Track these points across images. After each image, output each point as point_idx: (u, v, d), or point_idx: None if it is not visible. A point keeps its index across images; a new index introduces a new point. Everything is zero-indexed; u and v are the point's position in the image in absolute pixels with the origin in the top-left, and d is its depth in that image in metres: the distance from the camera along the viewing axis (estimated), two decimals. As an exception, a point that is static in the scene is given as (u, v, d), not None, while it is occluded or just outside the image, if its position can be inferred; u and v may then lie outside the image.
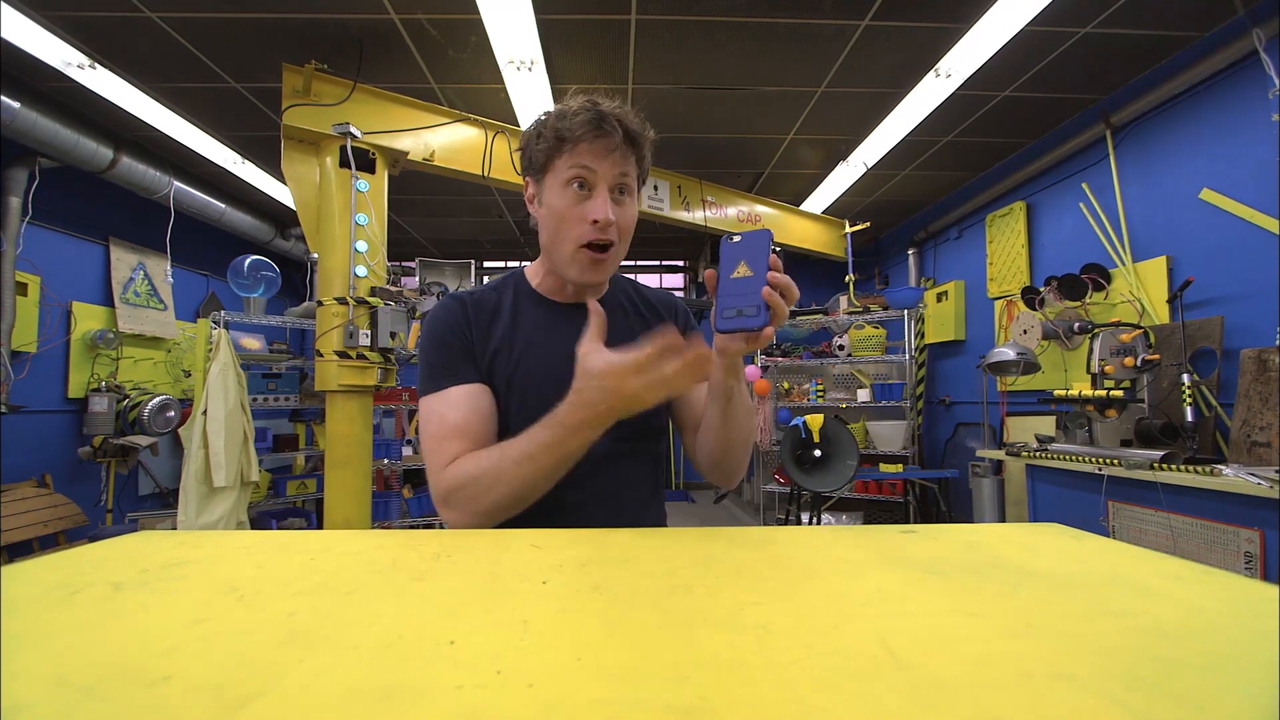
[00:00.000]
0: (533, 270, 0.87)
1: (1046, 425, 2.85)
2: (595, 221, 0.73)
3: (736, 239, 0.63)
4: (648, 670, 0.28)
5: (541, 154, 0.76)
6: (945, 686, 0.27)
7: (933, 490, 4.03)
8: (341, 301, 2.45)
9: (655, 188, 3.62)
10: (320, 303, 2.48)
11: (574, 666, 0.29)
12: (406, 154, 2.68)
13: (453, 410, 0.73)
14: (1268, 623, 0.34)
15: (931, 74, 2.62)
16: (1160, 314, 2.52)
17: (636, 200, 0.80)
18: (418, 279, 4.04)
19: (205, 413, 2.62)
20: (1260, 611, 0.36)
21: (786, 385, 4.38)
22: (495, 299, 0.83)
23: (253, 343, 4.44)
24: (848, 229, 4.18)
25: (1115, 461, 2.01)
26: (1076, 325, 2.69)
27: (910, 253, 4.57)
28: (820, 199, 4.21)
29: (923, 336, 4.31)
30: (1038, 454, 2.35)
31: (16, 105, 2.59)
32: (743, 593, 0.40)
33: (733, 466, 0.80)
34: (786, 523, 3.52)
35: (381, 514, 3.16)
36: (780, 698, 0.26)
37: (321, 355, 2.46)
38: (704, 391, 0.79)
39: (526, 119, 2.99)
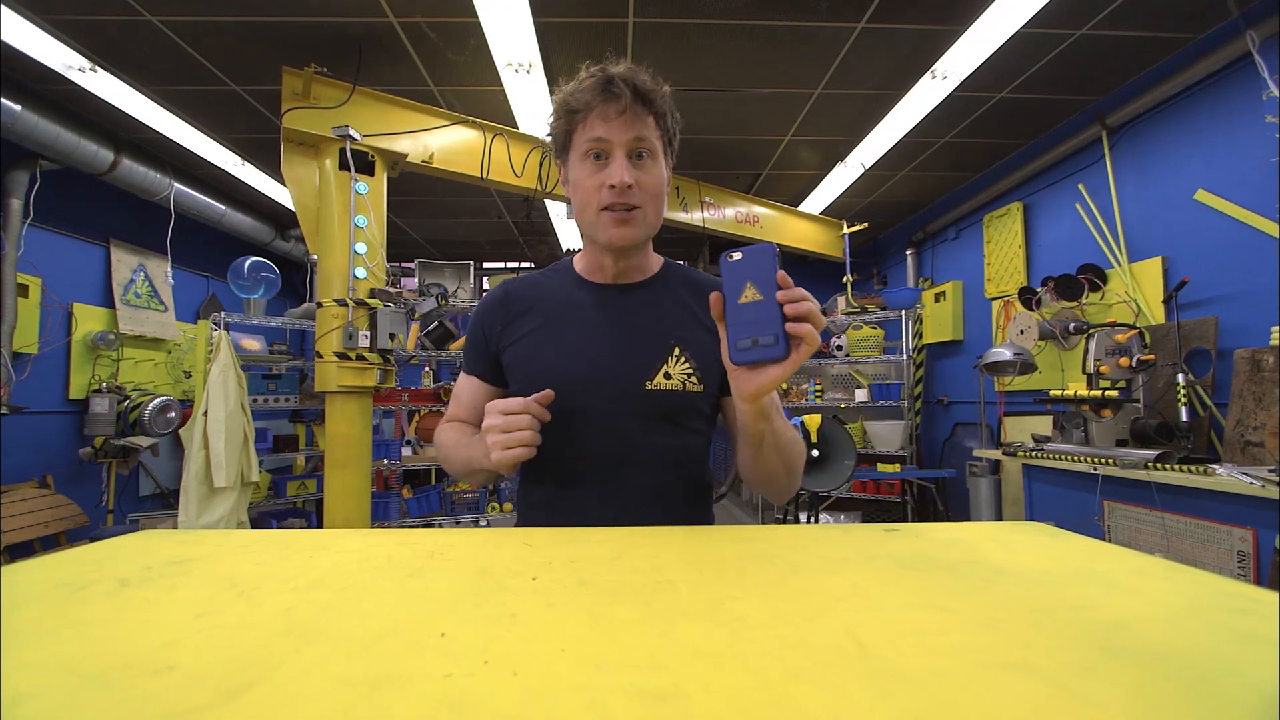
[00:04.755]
0: (579, 256, 0.88)
1: (1043, 425, 2.87)
2: (612, 186, 0.72)
3: (737, 256, 0.56)
4: (626, 659, 0.30)
5: (561, 132, 0.77)
6: (906, 676, 0.28)
7: (930, 490, 4.04)
8: (341, 303, 2.47)
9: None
10: (320, 304, 2.50)
11: (557, 656, 0.30)
12: (405, 156, 2.69)
13: (462, 390, 0.90)
14: (1227, 617, 0.36)
15: (928, 75, 2.63)
16: (1156, 314, 2.53)
17: (665, 162, 0.78)
18: (417, 280, 4.06)
19: (206, 413, 2.63)
20: (1219, 605, 0.38)
21: (784, 385, 4.39)
22: (541, 283, 0.87)
23: (253, 344, 4.45)
24: (845, 230, 4.19)
25: (1111, 461, 2.02)
26: (1073, 325, 2.70)
27: (908, 253, 4.58)
28: (818, 200, 4.22)
29: (920, 337, 4.32)
30: (1034, 454, 2.36)
31: (18, 108, 2.60)
32: (724, 588, 0.41)
33: (777, 493, 0.77)
34: (784, 522, 3.53)
35: (381, 514, 3.17)
36: (750, 685, 0.27)
37: (321, 356, 2.47)
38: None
39: (525, 121, 3.03)
